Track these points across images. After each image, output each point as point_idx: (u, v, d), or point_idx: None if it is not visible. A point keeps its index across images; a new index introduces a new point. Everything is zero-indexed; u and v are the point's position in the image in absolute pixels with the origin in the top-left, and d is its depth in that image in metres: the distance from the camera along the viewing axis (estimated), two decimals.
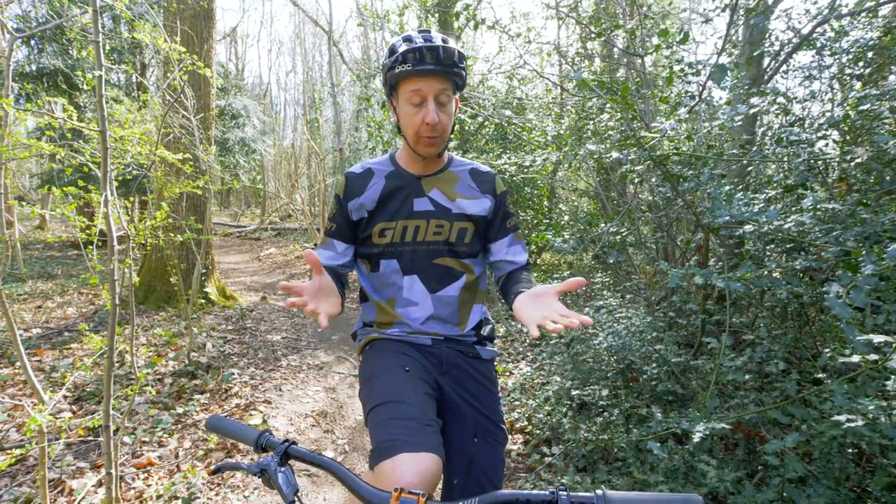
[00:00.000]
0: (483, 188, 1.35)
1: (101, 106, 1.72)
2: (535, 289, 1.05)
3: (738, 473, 1.69)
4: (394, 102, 1.27)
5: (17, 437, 2.70)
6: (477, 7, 7.94)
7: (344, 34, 20.45)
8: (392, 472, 0.94)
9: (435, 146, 1.25)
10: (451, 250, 1.32)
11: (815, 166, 2.25)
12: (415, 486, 0.90)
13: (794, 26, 2.98)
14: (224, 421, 0.89)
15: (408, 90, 1.19)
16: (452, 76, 1.19)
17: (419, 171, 1.33)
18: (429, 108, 1.18)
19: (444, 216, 1.30)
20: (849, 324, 1.14)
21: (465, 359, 1.33)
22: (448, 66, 1.17)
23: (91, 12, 1.67)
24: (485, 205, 1.33)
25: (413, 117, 1.21)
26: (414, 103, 1.20)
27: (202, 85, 5.49)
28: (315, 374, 3.98)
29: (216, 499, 2.26)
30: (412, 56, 1.15)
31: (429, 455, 0.98)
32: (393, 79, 1.20)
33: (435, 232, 1.30)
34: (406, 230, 1.30)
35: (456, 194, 1.32)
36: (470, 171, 1.37)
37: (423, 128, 1.20)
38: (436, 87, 1.18)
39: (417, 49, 1.15)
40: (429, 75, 1.17)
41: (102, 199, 1.73)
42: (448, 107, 1.23)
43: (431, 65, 1.15)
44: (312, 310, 0.95)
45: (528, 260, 1.41)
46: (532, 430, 2.82)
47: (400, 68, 1.17)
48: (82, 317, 5.09)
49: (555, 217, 5.82)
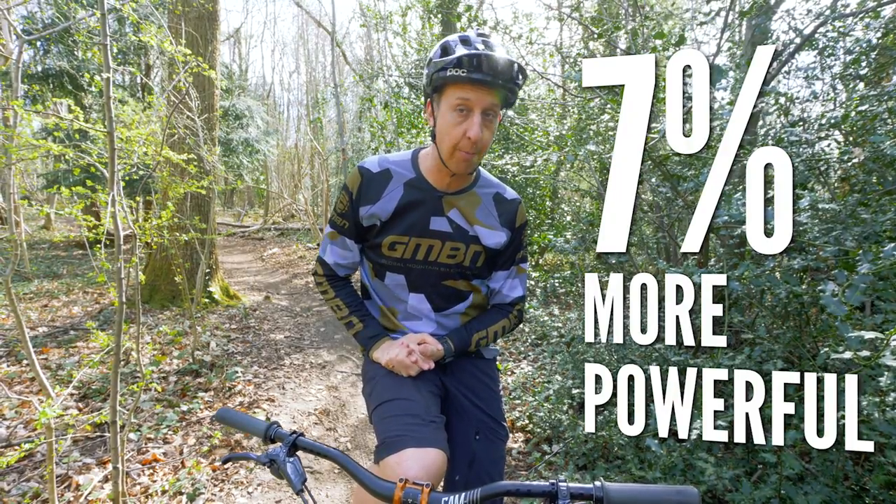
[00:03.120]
0: (503, 219, 1.27)
1: (109, 107, 1.75)
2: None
3: (736, 471, 1.71)
4: (433, 104, 1.15)
5: (25, 433, 2.74)
6: (479, 8, 7.96)
7: (347, 35, 20.48)
8: (397, 466, 0.96)
9: (469, 164, 1.13)
10: (462, 273, 1.28)
11: (815, 167, 2.26)
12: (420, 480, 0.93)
13: (796, 27, 2.99)
14: (233, 413, 0.92)
15: (455, 96, 1.07)
16: (506, 92, 1.07)
17: (443, 186, 1.22)
18: (473, 121, 1.07)
19: (462, 239, 1.24)
20: (843, 321, 1.16)
21: (468, 358, 1.35)
22: (506, 80, 1.05)
23: (99, 16, 1.70)
24: (500, 238, 1.27)
25: (454, 127, 1.09)
26: (458, 111, 1.08)
27: (206, 86, 5.53)
28: (318, 373, 4.01)
29: (220, 494, 2.29)
30: (469, 62, 1.03)
31: (433, 450, 1.00)
32: (440, 80, 1.08)
33: (449, 255, 1.25)
34: (419, 248, 1.23)
35: (476, 220, 1.24)
36: (494, 196, 1.27)
37: (464, 142, 1.09)
38: (486, 101, 1.06)
39: (476, 56, 1.03)
40: (482, 86, 1.05)
41: (110, 199, 1.75)
42: (493, 124, 1.11)
43: (489, 76, 1.03)
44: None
45: (522, 295, 1.37)
46: (533, 429, 2.84)
47: (452, 72, 1.05)
48: (88, 315, 5.13)
49: (557, 217, 5.83)
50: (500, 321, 1.34)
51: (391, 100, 6.21)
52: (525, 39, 5.09)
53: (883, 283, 1.51)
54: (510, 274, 1.34)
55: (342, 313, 1.33)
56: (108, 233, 1.98)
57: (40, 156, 1.92)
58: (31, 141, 1.87)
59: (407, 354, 1.21)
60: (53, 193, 2.10)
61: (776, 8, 3.11)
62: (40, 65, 8.05)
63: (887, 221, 1.74)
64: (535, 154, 3.67)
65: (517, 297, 1.36)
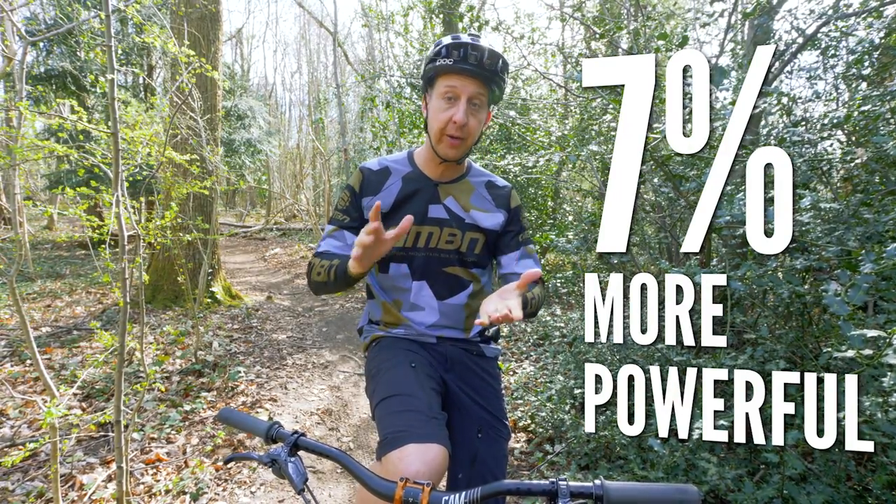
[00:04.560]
0: (497, 202, 1.34)
1: (114, 108, 1.76)
2: (503, 287, 1.02)
3: (738, 471, 1.71)
4: (427, 97, 1.25)
5: (29, 433, 2.75)
6: (481, 9, 7.96)
7: (349, 35, 20.51)
8: (399, 461, 0.96)
9: (456, 149, 1.22)
10: (461, 260, 1.32)
11: (818, 166, 2.26)
12: (422, 476, 0.93)
13: (798, 26, 2.99)
14: (235, 413, 0.92)
15: (443, 85, 1.18)
16: (491, 83, 1.17)
17: (437, 175, 1.31)
18: (460, 107, 1.16)
19: (457, 225, 1.30)
20: (846, 321, 1.16)
21: (470, 356, 1.35)
22: (490, 71, 1.15)
23: (103, 17, 1.71)
24: (498, 219, 1.33)
25: (442, 113, 1.18)
26: (446, 99, 1.18)
27: (209, 86, 5.55)
28: (320, 373, 4.02)
29: (223, 494, 2.30)
30: (455, 52, 1.14)
31: (436, 446, 1.00)
32: (432, 71, 1.19)
33: (447, 241, 1.30)
34: (419, 236, 1.29)
35: (471, 205, 1.32)
36: (486, 184, 1.35)
37: (450, 126, 1.18)
38: (472, 89, 1.16)
39: (462, 45, 1.14)
40: (468, 75, 1.15)
41: (114, 199, 1.76)
42: (480, 113, 1.20)
43: (473, 65, 1.14)
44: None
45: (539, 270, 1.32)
46: (535, 429, 2.84)
47: (441, 62, 1.16)
48: (91, 316, 5.15)
49: (559, 217, 5.83)
50: (534, 288, 1.26)
51: (393, 100, 6.22)
52: (527, 39, 5.09)
53: (886, 282, 1.51)
54: (521, 255, 1.34)
55: (324, 268, 1.17)
56: (111, 233, 1.99)
57: (44, 156, 1.93)
58: (36, 141, 1.88)
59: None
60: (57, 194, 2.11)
61: (778, 8, 3.11)
62: (42, 66, 8.09)
63: (890, 221, 1.73)
64: (537, 154, 3.68)
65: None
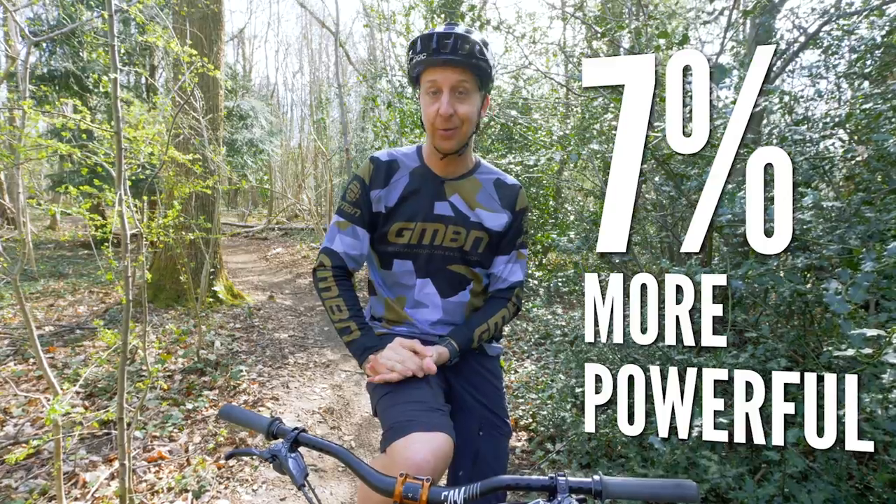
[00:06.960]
0: (504, 202, 1.32)
1: (116, 107, 1.77)
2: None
3: (739, 469, 1.71)
4: (418, 96, 1.26)
5: (32, 430, 2.77)
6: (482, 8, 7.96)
7: (350, 35, 20.52)
8: (405, 450, 0.95)
9: (449, 140, 1.20)
10: (465, 258, 1.31)
11: (819, 165, 2.25)
12: (428, 464, 0.93)
13: (800, 25, 2.98)
14: (237, 409, 0.93)
15: (426, 81, 1.17)
16: (471, 67, 1.14)
17: (443, 171, 1.29)
18: (443, 99, 1.14)
19: (462, 223, 1.28)
20: (847, 319, 1.16)
21: (472, 354, 1.35)
22: (464, 55, 1.12)
23: (106, 17, 1.72)
24: (502, 220, 1.31)
25: (428, 108, 1.17)
26: (431, 94, 1.16)
27: (211, 86, 5.56)
28: (322, 372, 4.03)
29: (225, 492, 2.31)
30: (428, 44, 1.12)
31: (441, 435, 1.00)
32: (413, 70, 1.18)
33: (452, 238, 1.29)
34: (424, 233, 1.28)
35: (477, 203, 1.30)
36: (495, 182, 1.33)
37: (438, 119, 1.16)
38: (452, 78, 1.14)
39: (431, 36, 1.12)
40: (445, 66, 1.13)
41: (117, 199, 1.77)
42: (469, 99, 1.17)
43: (446, 54, 1.11)
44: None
45: (521, 280, 1.38)
46: (536, 428, 2.84)
47: (417, 58, 1.15)
48: (93, 315, 5.17)
49: (560, 217, 5.83)
50: (499, 311, 1.32)
51: (394, 100, 6.23)
52: (529, 39, 5.10)
53: (887, 281, 1.50)
54: (511, 258, 1.35)
55: (341, 315, 1.23)
56: (114, 232, 2.00)
57: (48, 156, 1.94)
58: (39, 141, 1.89)
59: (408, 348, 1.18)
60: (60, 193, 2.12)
61: (780, 6, 3.10)
62: (46, 66, 8.12)
63: (891, 220, 1.73)
64: (538, 153, 3.68)
65: (516, 281, 1.36)
